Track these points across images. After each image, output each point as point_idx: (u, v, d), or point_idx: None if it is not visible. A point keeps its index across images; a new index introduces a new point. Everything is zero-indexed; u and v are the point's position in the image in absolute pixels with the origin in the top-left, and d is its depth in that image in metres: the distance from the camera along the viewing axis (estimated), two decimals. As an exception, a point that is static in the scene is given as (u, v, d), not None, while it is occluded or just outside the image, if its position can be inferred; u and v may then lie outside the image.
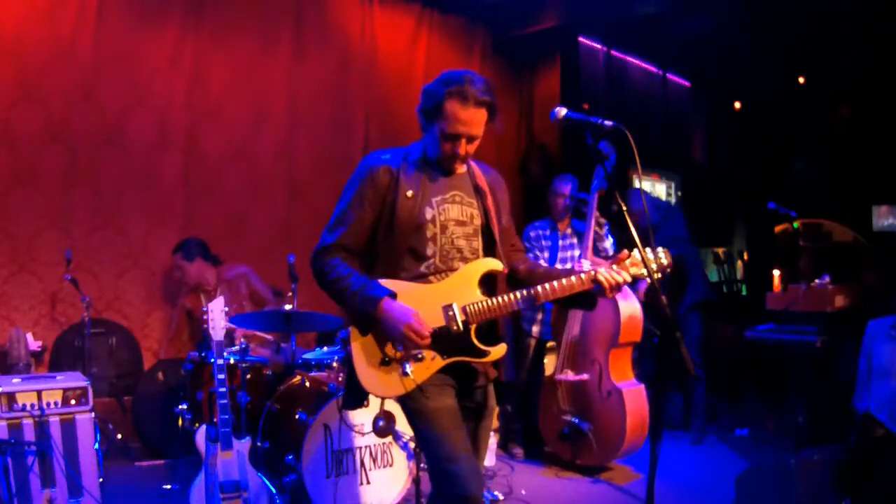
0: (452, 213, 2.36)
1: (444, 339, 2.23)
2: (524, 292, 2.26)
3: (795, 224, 5.44)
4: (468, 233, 2.37)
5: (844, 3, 6.14)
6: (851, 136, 7.98)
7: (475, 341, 2.26)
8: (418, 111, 2.35)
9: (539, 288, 2.26)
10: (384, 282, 2.26)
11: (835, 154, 8.09)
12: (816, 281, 4.97)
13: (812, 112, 8.23)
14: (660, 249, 2.28)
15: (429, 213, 2.31)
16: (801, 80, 8.15)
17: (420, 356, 2.22)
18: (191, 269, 4.64)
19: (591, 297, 2.32)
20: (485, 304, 2.26)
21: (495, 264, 2.33)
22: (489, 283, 2.34)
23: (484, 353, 2.27)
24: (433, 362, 2.24)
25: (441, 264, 2.32)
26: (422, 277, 2.31)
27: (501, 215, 2.47)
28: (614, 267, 2.26)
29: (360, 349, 2.28)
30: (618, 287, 2.25)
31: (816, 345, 4.64)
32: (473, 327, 2.25)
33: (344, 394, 2.42)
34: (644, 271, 2.24)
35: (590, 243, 4.39)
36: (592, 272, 2.24)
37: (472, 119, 2.25)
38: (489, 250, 2.40)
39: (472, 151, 2.35)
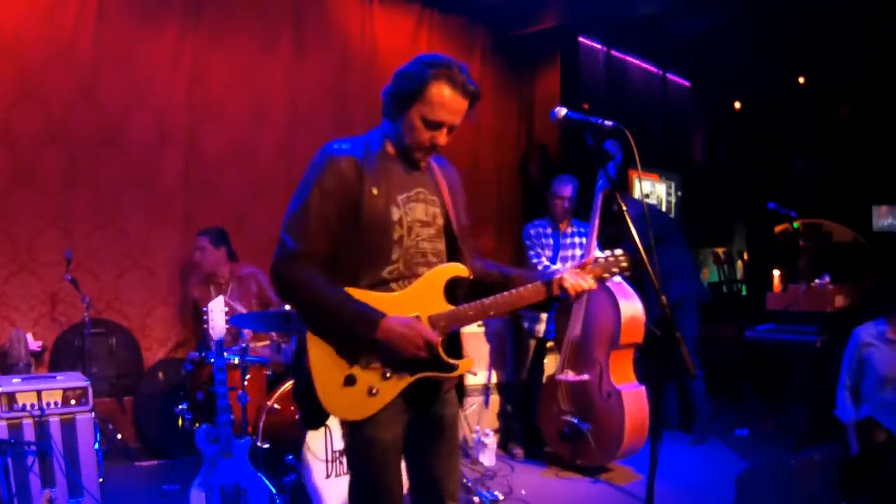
0: (418, 212, 2.15)
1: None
2: (499, 299, 2.10)
3: (795, 224, 5.44)
4: (432, 234, 2.18)
5: (844, 3, 6.14)
6: (851, 136, 7.99)
7: (442, 355, 2.06)
8: (388, 95, 2.14)
9: (509, 295, 2.12)
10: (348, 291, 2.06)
11: (835, 154, 8.09)
12: (816, 281, 4.98)
13: (812, 112, 8.23)
14: (618, 251, 2.21)
15: (395, 214, 2.10)
16: (801, 80, 8.15)
17: (388, 374, 2.05)
18: (213, 254, 4.60)
19: (550, 298, 2.20)
20: (453, 313, 2.09)
21: (460, 269, 2.15)
22: (453, 290, 2.16)
23: (452, 368, 2.09)
24: (401, 380, 2.07)
25: (405, 270, 2.12)
26: (383, 284, 2.10)
27: (461, 213, 2.27)
28: (578, 272, 2.17)
29: (321, 366, 2.04)
30: (582, 293, 2.16)
31: (816, 345, 4.65)
32: (441, 340, 2.06)
33: (302, 414, 2.21)
34: (606, 274, 2.18)
35: (593, 243, 4.39)
36: (559, 278, 2.14)
37: (459, 107, 2.08)
38: (452, 252, 2.22)
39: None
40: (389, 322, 2.00)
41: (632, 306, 4.34)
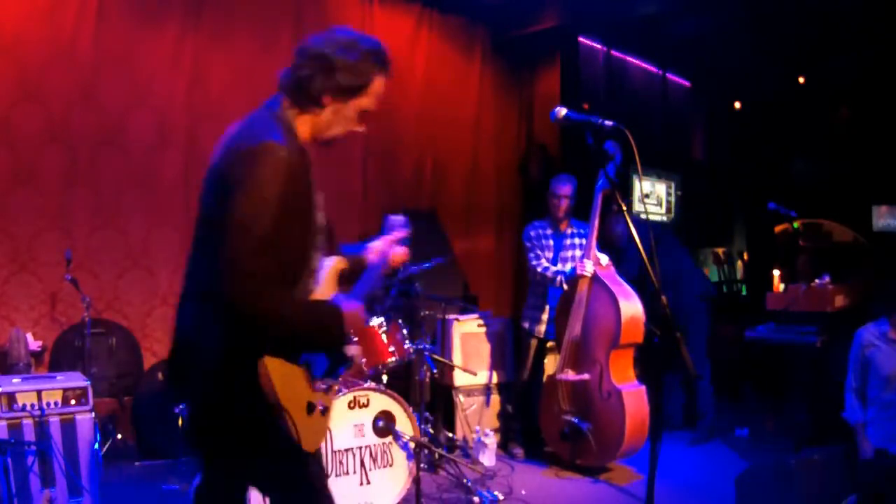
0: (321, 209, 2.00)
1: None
2: (363, 286, 2.10)
3: (795, 224, 5.44)
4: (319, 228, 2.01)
5: (844, 3, 6.14)
6: (851, 136, 8.00)
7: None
8: (327, 83, 1.86)
9: (369, 279, 2.13)
10: None
11: (835, 154, 8.10)
12: (816, 281, 4.98)
13: (812, 112, 8.24)
14: (399, 217, 2.28)
15: (321, 219, 1.93)
16: (801, 80, 8.16)
17: (326, 386, 1.93)
18: None
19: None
20: None
21: (342, 262, 2.12)
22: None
23: (350, 362, 2.03)
24: (333, 386, 1.97)
25: (316, 275, 2.00)
26: (306, 296, 1.93)
27: None
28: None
29: (293, 401, 1.78)
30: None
31: (816, 345, 4.65)
32: None
33: (263, 472, 1.89)
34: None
35: (593, 243, 4.38)
36: (396, 256, 2.20)
37: None
38: (328, 243, 2.11)
39: None
40: (347, 313, 1.81)
41: (632, 306, 4.34)
